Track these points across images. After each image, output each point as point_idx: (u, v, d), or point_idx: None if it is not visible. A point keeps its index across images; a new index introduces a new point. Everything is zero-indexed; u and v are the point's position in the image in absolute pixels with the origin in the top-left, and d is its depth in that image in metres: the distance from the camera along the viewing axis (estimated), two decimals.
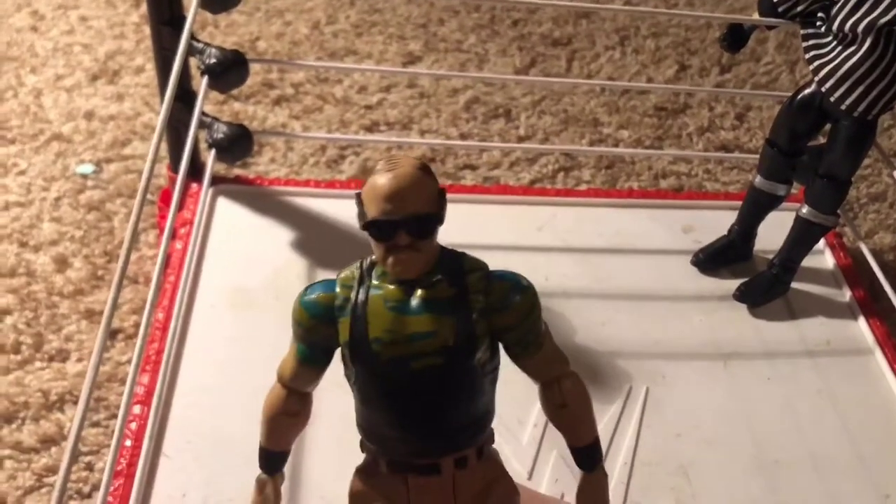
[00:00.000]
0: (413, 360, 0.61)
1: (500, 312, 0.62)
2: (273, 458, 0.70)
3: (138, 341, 0.79)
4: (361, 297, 0.61)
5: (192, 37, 1.03)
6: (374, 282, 0.62)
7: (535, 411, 1.00)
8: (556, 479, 0.94)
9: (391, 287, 0.61)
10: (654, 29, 1.82)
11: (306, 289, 0.65)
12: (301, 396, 0.68)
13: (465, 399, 0.63)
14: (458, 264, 0.63)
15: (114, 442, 0.76)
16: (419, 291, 0.61)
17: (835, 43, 0.99)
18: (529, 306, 0.63)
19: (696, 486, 0.96)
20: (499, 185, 1.42)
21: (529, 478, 0.94)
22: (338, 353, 0.65)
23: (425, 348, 0.61)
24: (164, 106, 0.81)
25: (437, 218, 0.61)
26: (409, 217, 0.59)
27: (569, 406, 0.66)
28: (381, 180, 0.59)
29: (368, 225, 0.60)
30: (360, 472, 0.68)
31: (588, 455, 0.68)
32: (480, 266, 0.64)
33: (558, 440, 0.97)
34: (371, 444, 0.66)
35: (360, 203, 0.61)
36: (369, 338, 0.61)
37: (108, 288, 1.21)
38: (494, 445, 0.70)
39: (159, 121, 0.78)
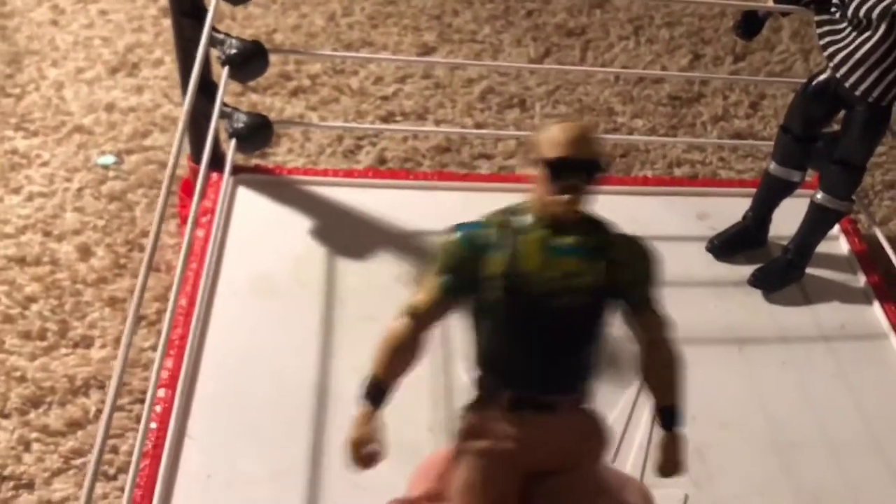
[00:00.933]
0: (562, 296, 0.66)
1: (630, 267, 0.69)
2: (383, 390, 0.71)
3: (164, 327, 0.81)
4: (516, 236, 0.67)
5: (213, 28, 1.04)
6: (526, 224, 0.68)
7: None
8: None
9: (544, 230, 0.67)
10: (668, 18, 1.83)
11: (455, 226, 0.69)
12: (425, 332, 0.71)
13: (593, 342, 0.70)
14: (598, 220, 0.70)
15: (142, 424, 0.78)
16: (569, 236, 0.67)
17: (849, 29, 1.00)
18: (655, 268, 0.72)
19: (712, 468, 0.97)
20: (513, 174, 1.43)
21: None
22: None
23: (575, 285, 0.66)
24: (188, 96, 0.82)
25: (607, 166, 0.69)
26: (589, 160, 0.66)
27: (673, 365, 0.73)
28: (563, 129, 0.66)
29: (554, 162, 0.65)
30: (474, 406, 0.72)
31: (674, 414, 0.74)
32: (615, 226, 0.71)
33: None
34: (494, 377, 0.70)
35: (531, 149, 0.67)
36: (524, 270, 0.66)
37: (131, 276, 1.23)
38: None
39: (184, 111, 0.80)
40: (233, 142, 1.13)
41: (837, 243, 1.24)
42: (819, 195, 1.11)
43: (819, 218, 1.12)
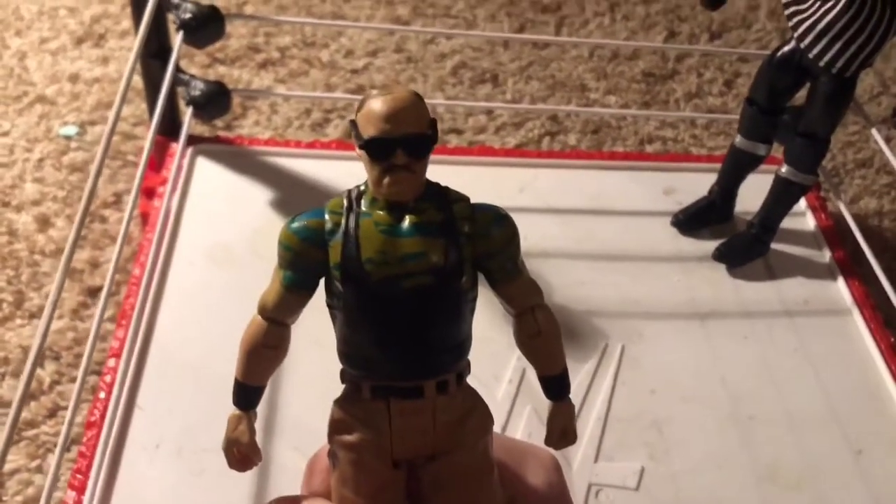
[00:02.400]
0: (404, 280, 0.62)
1: (483, 239, 0.64)
2: (249, 393, 0.70)
3: (103, 294, 0.79)
4: (352, 222, 0.63)
5: None
6: (364, 209, 0.64)
7: (511, 368, 1.01)
8: (530, 434, 0.95)
9: (381, 212, 0.63)
10: None
11: (293, 217, 0.66)
12: (281, 328, 0.68)
13: (450, 321, 0.65)
14: (443, 194, 0.65)
15: (75, 392, 0.77)
16: (409, 216, 0.63)
17: None
18: (510, 234, 0.66)
19: (670, 442, 0.97)
20: (483, 146, 1.42)
21: (503, 431, 0.95)
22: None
23: (416, 268, 0.62)
24: (131, 59, 0.81)
25: (433, 139, 0.63)
26: (407, 136, 0.61)
27: (542, 334, 0.68)
28: (378, 102, 0.61)
29: (367, 143, 0.61)
30: (341, 400, 0.69)
31: (558, 384, 0.70)
32: (464, 197, 0.66)
33: (532, 395, 0.98)
34: (354, 369, 0.67)
35: (354, 126, 0.63)
36: (362, 258, 0.62)
37: (90, 247, 1.22)
38: None
39: (125, 73, 0.78)
40: (189, 109, 1.11)
41: (804, 219, 1.23)
42: (784, 168, 1.10)
43: (783, 191, 1.11)
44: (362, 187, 0.65)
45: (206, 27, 1.02)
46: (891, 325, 1.11)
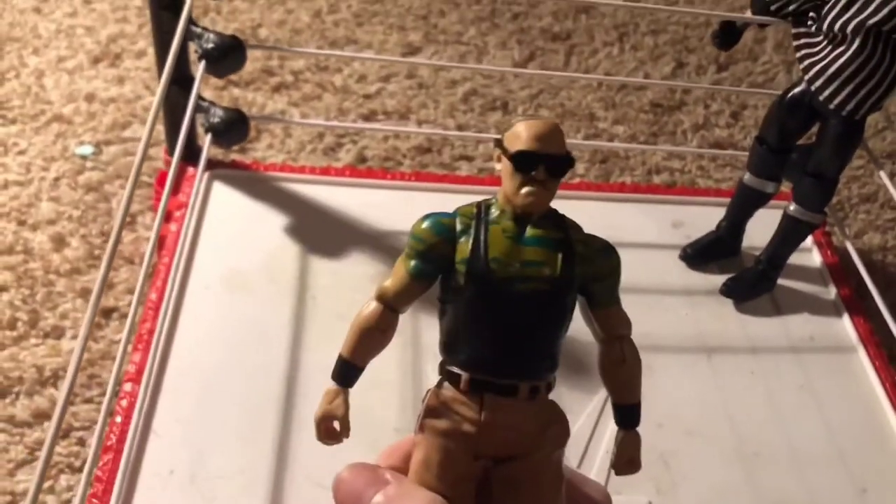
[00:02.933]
0: (522, 283, 0.68)
1: (592, 263, 0.71)
2: (351, 372, 0.72)
3: (128, 320, 0.80)
4: (482, 226, 0.69)
5: (191, 21, 1.04)
6: (493, 217, 0.70)
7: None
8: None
9: (508, 222, 0.69)
10: (654, 26, 1.83)
11: (427, 215, 0.71)
12: (395, 315, 0.72)
13: (553, 330, 0.70)
14: (562, 217, 0.72)
15: (101, 417, 0.78)
16: (532, 228, 0.69)
17: (825, 42, 1.01)
18: (616, 264, 0.72)
19: (676, 476, 0.98)
20: (492, 176, 1.43)
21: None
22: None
23: (534, 274, 0.68)
24: (160, 88, 0.82)
25: (571, 162, 0.70)
26: (551, 155, 0.67)
27: (627, 363, 0.73)
28: (528, 123, 0.68)
29: (516, 155, 0.67)
30: (436, 390, 0.73)
31: (631, 413, 0.74)
32: (577, 224, 0.72)
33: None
34: (457, 361, 0.71)
35: (500, 144, 0.69)
36: (488, 257, 0.68)
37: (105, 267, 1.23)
38: None
39: (154, 102, 0.79)
40: (208, 136, 1.12)
41: (810, 255, 1.24)
42: (792, 207, 1.12)
43: (791, 229, 1.13)
44: (491, 200, 0.71)
45: (227, 57, 1.04)
46: (895, 362, 1.13)
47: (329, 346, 0.73)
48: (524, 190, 0.67)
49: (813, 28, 1.02)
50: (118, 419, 0.92)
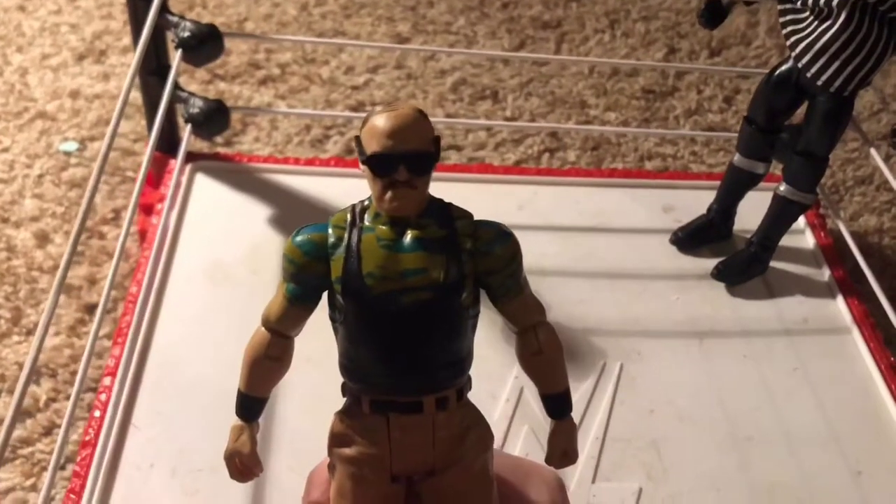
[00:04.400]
0: (404, 295, 0.63)
1: (485, 256, 0.65)
2: (251, 404, 0.70)
3: (97, 315, 0.79)
4: (354, 236, 0.64)
5: (168, 10, 1.03)
6: (367, 223, 0.64)
7: (509, 386, 1.00)
8: (527, 453, 0.94)
9: (384, 227, 0.64)
10: (645, 12, 1.81)
11: (298, 230, 0.67)
12: (285, 340, 0.68)
13: (450, 337, 0.66)
14: (446, 210, 0.66)
15: (67, 411, 0.77)
16: (411, 231, 0.63)
17: (811, 18, 0.99)
18: (512, 252, 0.66)
19: (668, 462, 0.96)
20: (482, 164, 1.41)
21: (501, 450, 0.94)
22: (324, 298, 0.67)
23: (416, 283, 0.63)
24: (129, 76, 0.81)
25: (435, 156, 0.64)
26: (409, 152, 0.61)
27: (544, 353, 0.68)
28: (382, 119, 0.62)
29: (370, 159, 0.62)
30: (342, 413, 0.69)
31: (559, 403, 0.70)
32: (467, 214, 0.66)
33: (529, 415, 0.98)
34: (354, 383, 0.67)
35: (358, 143, 0.64)
36: (362, 273, 0.63)
37: (88, 264, 1.22)
38: None
39: (123, 90, 0.78)
40: (188, 127, 1.11)
41: (803, 237, 1.22)
42: (782, 187, 1.10)
43: (782, 210, 1.11)
44: (366, 202, 0.66)
45: (204, 46, 1.03)
46: (891, 344, 1.11)
47: (311, 338, 0.71)
48: (388, 195, 0.62)
49: (798, 4, 1.00)
50: (96, 413, 0.90)
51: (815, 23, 0.98)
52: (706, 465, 0.96)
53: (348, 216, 0.65)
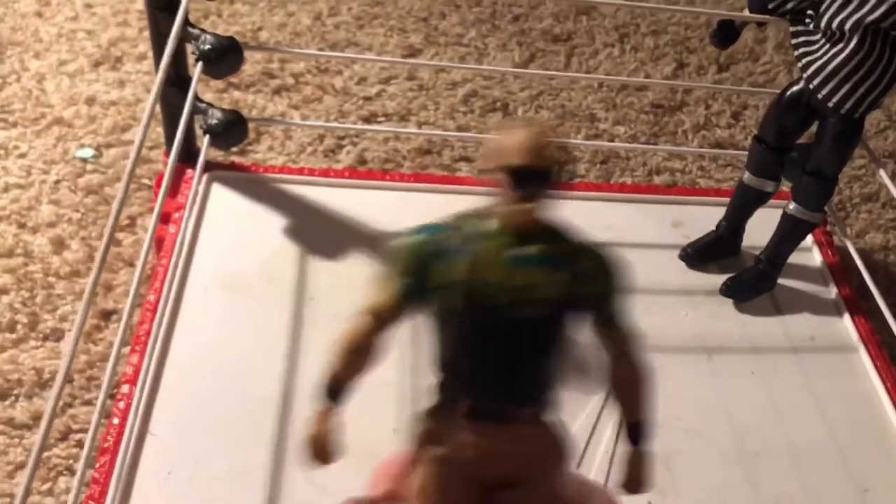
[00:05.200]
0: (518, 308, 0.65)
1: (599, 280, 0.68)
2: (343, 388, 0.70)
3: (121, 324, 0.80)
4: (475, 244, 0.65)
5: (188, 23, 1.04)
6: (489, 231, 0.66)
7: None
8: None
9: (505, 238, 0.65)
10: (654, 27, 1.83)
11: (417, 228, 0.68)
12: (384, 331, 0.69)
13: (554, 354, 0.68)
14: (563, 230, 0.68)
15: (94, 419, 0.78)
16: (531, 245, 0.65)
17: (823, 40, 1.00)
18: (622, 281, 0.70)
19: (676, 477, 0.97)
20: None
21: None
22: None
23: (532, 298, 0.65)
24: (155, 89, 0.82)
25: (565, 173, 0.67)
26: (549, 170, 0.64)
27: (637, 381, 0.72)
28: (522, 135, 0.65)
29: (516, 170, 0.63)
30: (433, 412, 0.71)
31: (641, 430, 0.73)
32: (579, 236, 0.69)
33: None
34: (455, 385, 0.69)
35: (489, 155, 0.65)
36: (481, 281, 0.64)
37: (104, 270, 1.23)
38: None
39: (148, 104, 0.79)
40: (206, 138, 1.12)
41: (810, 254, 1.24)
42: (791, 206, 1.11)
43: (791, 228, 1.12)
44: (483, 211, 0.67)
45: (224, 59, 1.04)
46: None
47: (327, 347, 0.73)
48: (526, 206, 0.64)
49: (811, 26, 1.02)
50: (115, 421, 0.92)
51: (827, 45, 0.99)
52: (714, 480, 0.97)
53: (469, 222, 0.67)
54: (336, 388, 0.71)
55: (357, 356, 0.70)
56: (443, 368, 0.70)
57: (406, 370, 1.01)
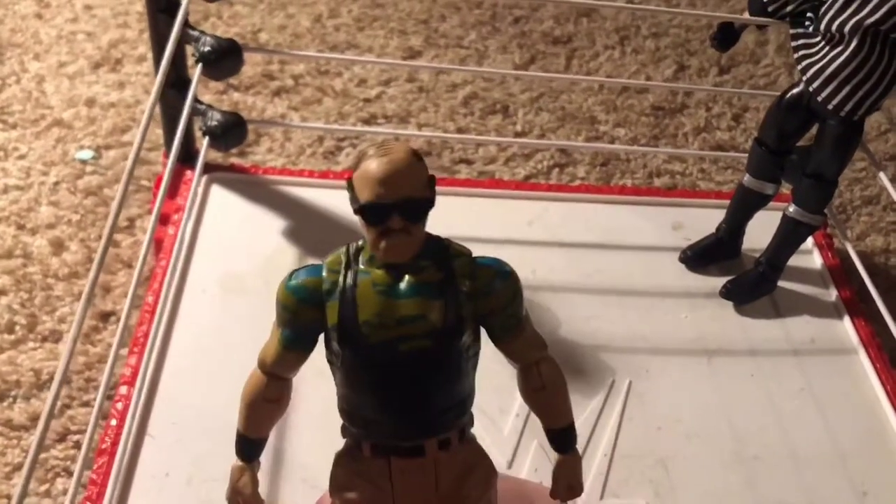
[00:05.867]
0: (401, 343, 0.62)
1: (484, 297, 0.64)
2: (251, 445, 0.70)
3: (120, 325, 0.80)
4: (350, 281, 0.62)
5: (188, 25, 1.04)
6: (362, 266, 0.63)
7: (518, 402, 1.01)
8: (536, 469, 0.95)
9: (379, 271, 0.62)
10: (655, 29, 1.83)
11: (292, 273, 0.66)
12: (282, 382, 0.68)
13: (450, 381, 0.65)
14: (444, 250, 0.64)
15: (92, 420, 0.78)
16: (407, 276, 0.62)
17: (823, 43, 1.00)
18: (512, 291, 0.65)
19: (675, 480, 0.97)
20: (491, 178, 1.43)
21: (510, 467, 0.96)
22: (321, 338, 0.67)
23: (414, 331, 0.62)
24: (154, 91, 0.82)
25: (430, 202, 0.62)
26: (402, 200, 0.60)
27: (546, 389, 0.68)
28: (374, 165, 0.60)
29: (362, 208, 0.61)
30: (342, 456, 0.69)
31: (564, 437, 0.70)
32: (465, 252, 0.65)
33: (539, 430, 0.98)
34: (354, 427, 0.67)
35: (351, 188, 0.62)
36: (359, 321, 0.62)
37: (103, 272, 1.23)
38: (476, 435, 0.71)
39: (148, 105, 0.79)
40: (206, 139, 1.12)
41: (811, 257, 1.24)
42: (791, 208, 1.11)
43: (791, 231, 1.12)
44: (360, 243, 0.64)
45: (224, 60, 1.04)
46: None
47: (322, 349, 0.72)
48: (383, 244, 0.60)
49: (811, 29, 1.02)
50: (113, 422, 0.92)
51: (827, 48, 0.99)
52: (713, 483, 0.97)
53: (343, 258, 0.64)
54: (246, 446, 0.70)
55: (256, 412, 0.69)
56: (342, 412, 0.68)
57: None
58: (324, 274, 0.63)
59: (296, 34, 1.70)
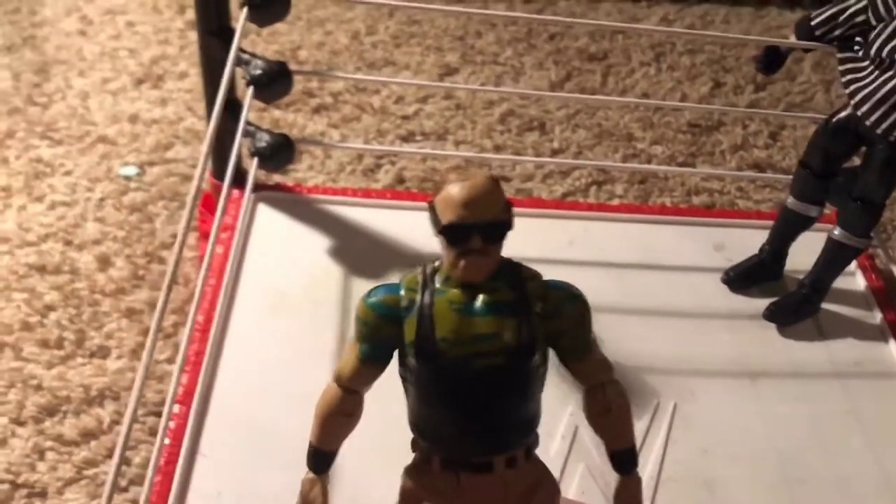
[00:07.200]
0: (476, 360, 0.64)
1: (555, 318, 0.66)
2: (323, 458, 0.72)
3: (182, 343, 0.81)
4: (427, 299, 0.65)
5: (240, 48, 1.06)
6: (438, 286, 0.66)
7: (564, 423, 1.02)
8: (583, 492, 0.95)
9: (455, 290, 0.65)
10: (690, 46, 1.83)
11: (371, 291, 0.68)
12: (356, 396, 0.70)
13: (521, 399, 0.67)
14: (517, 272, 0.67)
15: (158, 440, 0.79)
16: (482, 295, 0.65)
17: (872, 68, 1.00)
18: (581, 313, 0.68)
19: (720, 502, 0.97)
20: (531, 197, 1.44)
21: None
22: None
23: (489, 348, 0.64)
24: (214, 116, 0.84)
25: (508, 225, 0.65)
26: (483, 222, 0.63)
27: (612, 411, 0.70)
28: (457, 189, 0.63)
29: (445, 229, 0.63)
30: (411, 470, 0.71)
31: (626, 459, 0.71)
32: (536, 274, 0.68)
33: (585, 453, 0.99)
34: (424, 441, 0.69)
35: (432, 211, 0.65)
36: (436, 337, 0.64)
37: (149, 287, 1.25)
38: None
39: (208, 132, 0.81)
40: (255, 160, 1.14)
41: (854, 279, 1.23)
42: (837, 231, 1.11)
43: (836, 254, 1.12)
44: (437, 263, 0.67)
45: (275, 83, 1.06)
46: None
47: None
48: (462, 263, 0.63)
49: (860, 53, 1.02)
50: (167, 441, 0.93)
51: (876, 73, 0.99)
52: None
53: (419, 278, 0.66)
54: (316, 458, 0.72)
55: (330, 425, 0.71)
56: (413, 426, 0.70)
57: None
58: (402, 292, 0.66)
59: (334, 51, 1.72)
